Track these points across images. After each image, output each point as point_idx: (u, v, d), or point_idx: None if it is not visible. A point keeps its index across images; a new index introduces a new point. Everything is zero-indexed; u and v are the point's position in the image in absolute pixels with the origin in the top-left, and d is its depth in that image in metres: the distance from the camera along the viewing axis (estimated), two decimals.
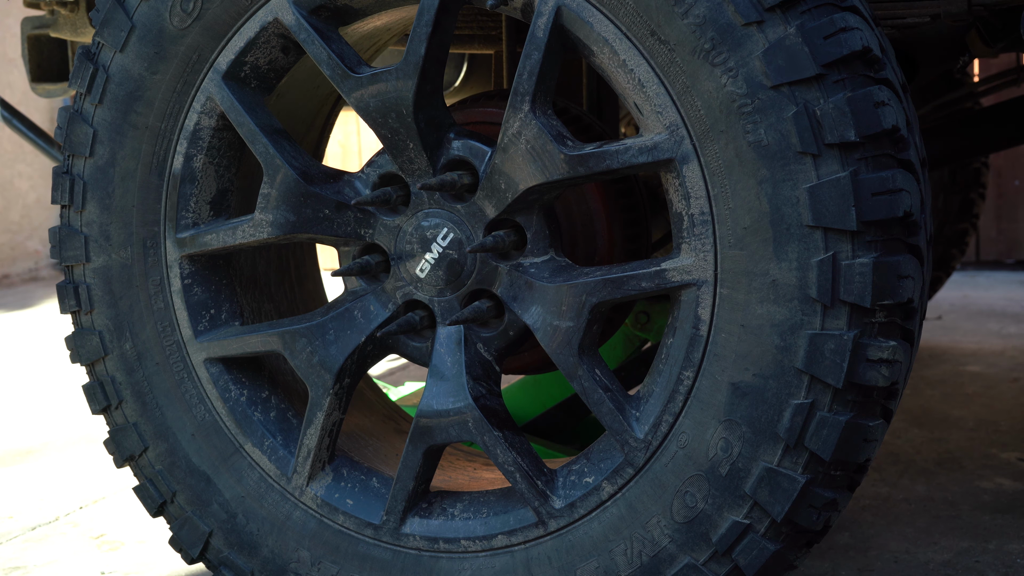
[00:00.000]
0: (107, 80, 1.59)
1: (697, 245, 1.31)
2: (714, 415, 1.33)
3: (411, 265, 1.51)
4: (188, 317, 1.61)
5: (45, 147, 2.33)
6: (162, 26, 1.55)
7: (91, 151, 1.61)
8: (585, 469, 1.44)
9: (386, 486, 1.57)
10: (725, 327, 1.31)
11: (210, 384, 1.62)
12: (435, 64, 1.43)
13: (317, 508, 1.58)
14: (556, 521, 1.44)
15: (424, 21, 1.40)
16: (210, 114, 1.57)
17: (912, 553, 1.93)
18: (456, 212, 1.47)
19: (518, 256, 1.46)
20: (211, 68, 1.54)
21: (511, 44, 2.03)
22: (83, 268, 1.65)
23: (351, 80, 1.46)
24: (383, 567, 1.54)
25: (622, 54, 1.31)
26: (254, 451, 1.61)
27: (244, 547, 1.63)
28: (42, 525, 2.30)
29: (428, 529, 1.52)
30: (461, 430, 1.48)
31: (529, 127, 1.37)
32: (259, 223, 1.55)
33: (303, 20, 1.47)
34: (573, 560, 1.43)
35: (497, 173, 1.41)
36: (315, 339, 1.55)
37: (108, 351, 1.65)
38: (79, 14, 2.07)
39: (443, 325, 1.51)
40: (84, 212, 1.63)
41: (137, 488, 1.69)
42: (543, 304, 1.42)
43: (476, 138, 1.46)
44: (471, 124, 1.64)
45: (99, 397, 1.67)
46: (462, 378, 1.48)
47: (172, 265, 1.61)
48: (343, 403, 1.57)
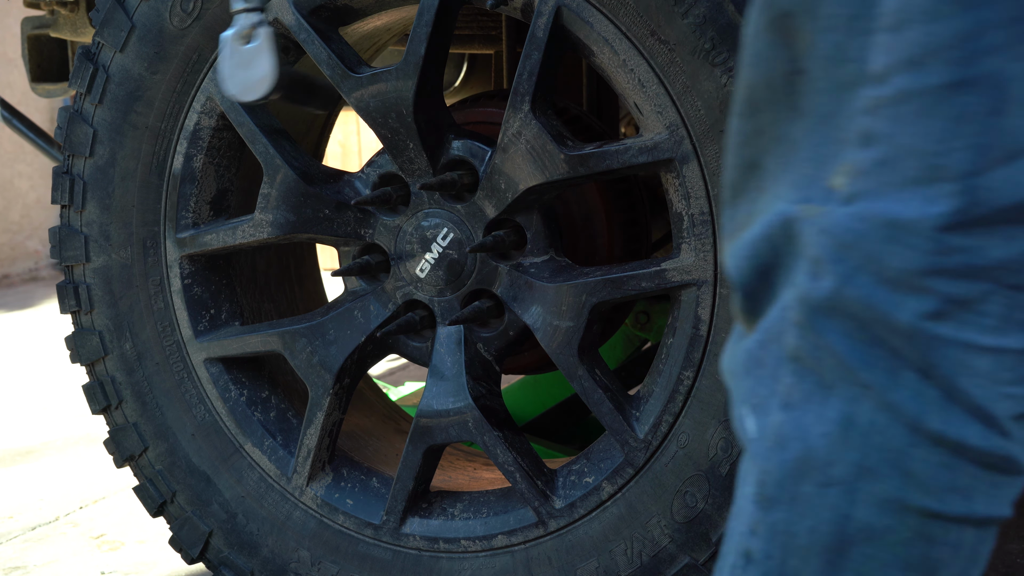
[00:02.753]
0: (107, 80, 1.59)
1: (697, 245, 1.31)
2: (714, 415, 1.33)
3: (411, 265, 1.51)
4: (188, 317, 1.61)
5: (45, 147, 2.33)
6: (162, 26, 1.55)
7: (91, 151, 1.61)
8: (585, 469, 1.44)
9: (386, 486, 1.57)
10: (725, 327, 1.31)
11: (210, 384, 1.62)
12: (435, 64, 1.43)
13: (317, 508, 1.58)
14: (556, 521, 1.44)
15: (424, 21, 1.40)
16: (210, 114, 1.57)
17: None
18: (456, 212, 1.47)
19: (518, 256, 1.46)
20: (211, 68, 1.54)
21: (511, 44, 2.03)
22: (83, 268, 1.65)
23: (351, 80, 1.45)
24: (383, 567, 1.54)
25: (622, 54, 1.31)
26: (254, 451, 1.61)
27: (244, 547, 1.63)
28: (42, 525, 2.30)
29: (428, 529, 1.52)
30: (461, 430, 1.48)
31: (529, 127, 1.37)
32: (259, 223, 1.55)
33: (303, 20, 1.47)
34: (573, 560, 1.43)
35: (497, 173, 1.41)
36: (315, 339, 1.55)
37: (108, 351, 1.65)
38: (79, 14, 2.06)
39: (443, 325, 1.51)
40: (84, 212, 1.63)
41: (137, 488, 1.69)
42: (543, 304, 1.42)
43: (476, 138, 1.46)
44: (471, 124, 1.64)
45: (99, 397, 1.67)
46: (462, 378, 1.48)
47: (172, 265, 1.61)
48: (343, 403, 1.57)
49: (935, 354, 0.68)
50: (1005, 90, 0.65)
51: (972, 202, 0.66)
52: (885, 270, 0.68)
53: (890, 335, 0.69)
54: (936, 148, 0.67)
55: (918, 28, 0.66)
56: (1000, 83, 0.65)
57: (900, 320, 0.68)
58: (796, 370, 0.73)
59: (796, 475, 0.73)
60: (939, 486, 0.69)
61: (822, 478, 0.72)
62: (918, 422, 0.69)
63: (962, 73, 0.66)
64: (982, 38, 0.65)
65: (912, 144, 0.68)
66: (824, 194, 0.71)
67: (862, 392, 0.70)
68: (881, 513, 0.71)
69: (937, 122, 0.67)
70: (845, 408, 0.71)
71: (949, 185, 0.67)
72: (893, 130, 0.68)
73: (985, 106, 0.66)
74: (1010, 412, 0.69)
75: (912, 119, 0.67)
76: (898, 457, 0.70)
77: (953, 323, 0.68)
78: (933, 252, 0.67)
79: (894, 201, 0.68)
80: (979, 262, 0.67)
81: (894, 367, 0.69)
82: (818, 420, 0.72)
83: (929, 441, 0.69)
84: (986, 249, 0.67)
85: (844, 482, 0.71)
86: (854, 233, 0.69)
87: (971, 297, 0.67)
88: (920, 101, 0.67)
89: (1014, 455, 0.70)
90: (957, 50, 0.66)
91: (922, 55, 0.67)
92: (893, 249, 0.68)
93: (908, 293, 0.68)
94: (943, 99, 0.66)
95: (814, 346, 0.71)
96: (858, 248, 0.69)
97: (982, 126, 0.66)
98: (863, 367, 0.70)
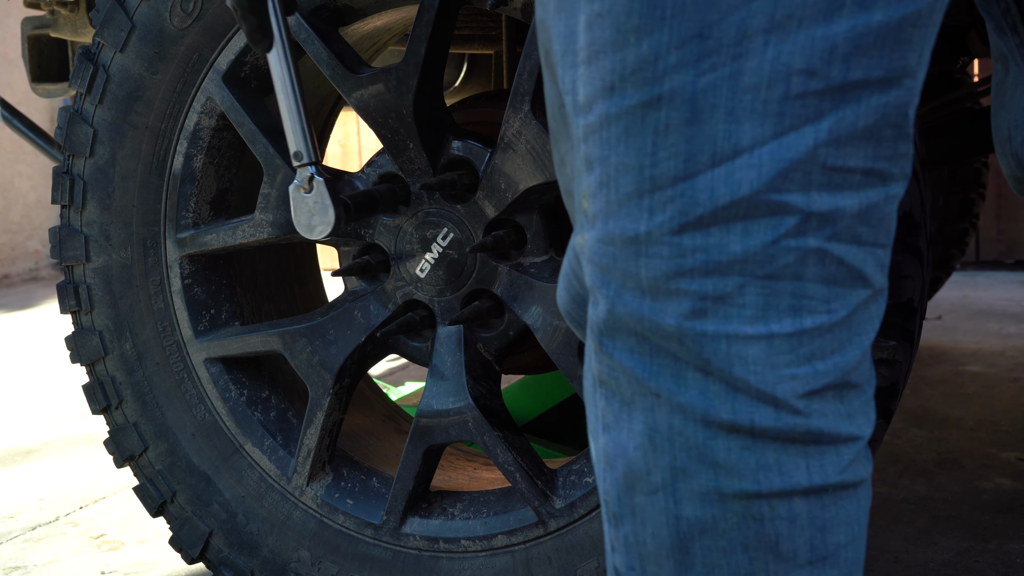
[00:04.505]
0: (107, 80, 1.59)
1: None
2: None
3: (411, 265, 1.51)
4: (188, 317, 1.61)
5: (45, 147, 2.33)
6: (162, 26, 1.55)
7: (91, 151, 1.61)
8: (585, 469, 1.44)
9: (386, 486, 1.58)
10: None
11: (210, 384, 1.62)
12: (435, 64, 1.43)
13: (317, 508, 1.58)
14: (556, 521, 1.44)
15: (424, 21, 1.40)
16: (210, 114, 1.57)
17: (912, 553, 1.93)
18: (456, 212, 1.47)
19: (518, 256, 1.46)
20: (211, 68, 1.54)
21: (511, 44, 2.03)
22: (83, 268, 1.65)
23: (351, 80, 1.46)
24: (383, 567, 1.54)
25: None
26: (254, 451, 1.61)
27: (244, 547, 1.63)
28: (42, 525, 2.30)
29: (428, 529, 1.52)
30: (461, 430, 1.48)
31: (529, 127, 1.37)
32: (259, 223, 1.55)
33: (303, 20, 1.47)
34: (573, 560, 1.43)
35: (497, 173, 1.41)
36: (315, 339, 1.55)
37: (108, 351, 1.65)
38: (79, 14, 2.07)
39: (443, 325, 1.51)
40: (84, 212, 1.63)
41: (137, 488, 1.69)
42: (543, 304, 1.42)
43: (476, 138, 1.46)
44: (471, 124, 1.64)
45: (99, 397, 1.68)
46: (462, 378, 1.48)
47: (172, 265, 1.61)
48: (343, 403, 1.57)
49: (707, 350, 0.72)
50: (695, 102, 0.70)
51: (691, 204, 0.71)
52: (641, 282, 0.73)
53: (665, 341, 0.73)
54: (645, 162, 0.72)
55: (607, 58, 0.72)
56: (689, 97, 0.70)
57: (668, 325, 0.73)
58: (604, 393, 0.78)
59: (628, 489, 0.78)
60: (749, 468, 0.73)
61: (647, 487, 0.77)
62: (709, 416, 0.73)
63: (652, 92, 0.70)
64: (662, 60, 0.70)
65: (623, 162, 0.72)
66: (584, 220, 0.77)
67: (655, 401, 0.75)
68: (704, 506, 0.75)
69: (640, 139, 0.72)
70: (646, 419, 0.75)
71: (665, 193, 0.71)
72: (604, 152, 0.73)
73: (681, 118, 0.70)
74: (797, 391, 0.73)
75: (618, 140, 0.73)
76: (702, 451, 0.74)
77: (715, 318, 0.72)
78: (673, 256, 0.72)
79: (623, 217, 0.73)
80: (721, 258, 0.71)
81: (677, 371, 0.73)
82: (630, 435, 0.76)
83: (724, 431, 0.73)
84: (726, 245, 0.71)
85: (665, 486, 0.76)
86: (607, 255, 0.74)
87: (725, 292, 0.71)
88: (621, 123, 0.72)
89: (816, 428, 0.74)
90: (644, 72, 0.70)
91: (614, 81, 0.72)
92: (641, 261, 0.73)
93: (666, 298, 0.72)
94: (641, 117, 0.71)
95: (609, 367, 0.76)
96: (615, 268, 0.74)
97: (683, 136, 0.71)
98: (650, 377, 0.74)
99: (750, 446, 0.73)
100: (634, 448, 0.76)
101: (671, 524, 0.76)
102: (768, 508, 0.74)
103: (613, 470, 0.78)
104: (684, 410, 0.74)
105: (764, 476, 0.74)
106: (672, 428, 0.74)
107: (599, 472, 0.81)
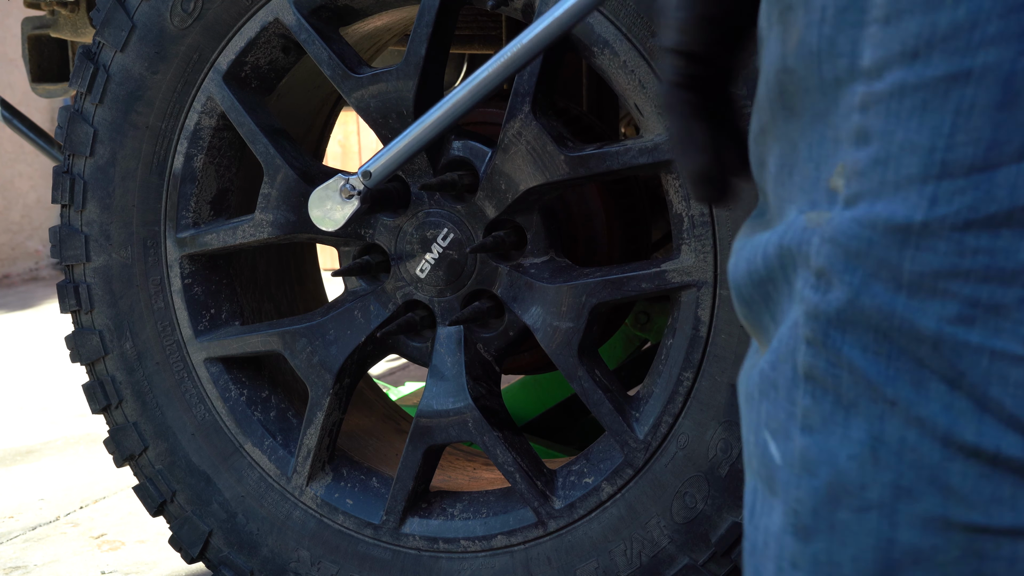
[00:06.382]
0: (107, 80, 1.59)
1: (697, 246, 1.32)
2: (714, 416, 1.33)
3: (411, 265, 1.51)
4: (188, 317, 1.61)
5: (45, 147, 2.33)
6: (163, 26, 1.55)
7: (91, 151, 1.61)
8: (585, 469, 1.44)
9: (386, 486, 1.58)
10: (725, 328, 1.31)
11: (210, 384, 1.62)
12: (435, 64, 1.43)
13: (317, 508, 1.58)
14: (556, 521, 1.44)
15: (424, 21, 1.40)
16: (210, 114, 1.57)
17: None
18: (456, 212, 1.47)
19: (518, 256, 1.46)
20: (212, 68, 1.55)
21: None
22: (83, 268, 1.65)
23: (351, 80, 1.46)
24: (383, 567, 1.54)
25: (623, 55, 1.31)
26: (254, 451, 1.61)
27: (244, 547, 1.63)
28: (42, 525, 2.30)
29: (428, 529, 1.52)
30: (461, 430, 1.48)
31: (529, 128, 1.37)
32: (259, 223, 1.55)
33: (303, 20, 1.47)
34: (572, 560, 1.43)
35: (497, 174, 1.41)
36: (315, 339, 1.55)
37: (108, 350, 1.65)
38: (79, 14, 2.07)
39: (443, 325, 1.51)
40: (84, 212, 1.63)
41: (137, 488, 1.69)
42: (543, 305, 1.42)
43: (476, 138, 1.46)
44: (471, 124, 1.64)
45: (99, 396, 1.68)
46: (462, 378, 1.48)
47: (172, 265, 1.61)
48: (343, 403, 1.57)
49: (964, 362, 0.64)
50: (1011, 83, 0.61)
51: (985, 199, 0.62)
52: (901, 275, 0.64)
53: (913, 344, 0.65)
54: (938, 143, 0.63)
55: (914, 18, 0.63)
56: (1006, 76, 0.61)
57: (924, 327, 0.64)
58: (812, 390, 0.69)
59: (830, 502, 0.69)
60: (982, 499, 0.66)
61: (858, 503, 0.68)
62: (950, 435, 0.65)
63: (963, 64, 0.62)
64: (981, 28, 0.61)
65: (912, 140, 0.64)
66: (827, 197, 0.68)
67: (888, 408, 0.66)
68: (926, 533, 0.67)
69: (938, 116, 0.63)
70: (871, 427, 0.67)
71: (955, 182, 0.63)
72: (889, 126, 0.65)
73: (991, 99, 0.62)
74: None
75: (910, 114, 0.64)
76: (935, 473, 0.66)
77: (983, 329, 0.64)
78: (950, 253, 0.63)
79: (897, 202, 0.64)
80: (1007, 265, 0.63)
81: (919, 378, 0.65)
82: (844, 442, 0.68)
83: (964, 454, 0.65)
84: (1016, 252, 0.62)
85: (882, 505, 0.67)
86: (862, 240, 0.65)
87: (1002, 303, 0.63)
88: (919, 95, 0.63)
89: None
90: (956, 40, 0.62)
91: (918, 46, 0.63)
92: (907, 253, 0.64)
93: (929, 297, 0.64)
94: (944, 91, 0.63)
95: (829, 363, 0.67)
96: (868, 255, 0.65)
97: (989, 120, 0.62)
98: (886, 382, 0.66)
99: (988, 475, 0.65)
100: (848, 457, 0.67)
101: (881, 548, 0.68)
102: (993, 545, 0.66)
103: (814, 478, 0.69)
104: (923, 424, 0.65)
105: (996, 510, 0.65)
106: (904, 442, 0.66)
107: (789, 478, 0.71)
